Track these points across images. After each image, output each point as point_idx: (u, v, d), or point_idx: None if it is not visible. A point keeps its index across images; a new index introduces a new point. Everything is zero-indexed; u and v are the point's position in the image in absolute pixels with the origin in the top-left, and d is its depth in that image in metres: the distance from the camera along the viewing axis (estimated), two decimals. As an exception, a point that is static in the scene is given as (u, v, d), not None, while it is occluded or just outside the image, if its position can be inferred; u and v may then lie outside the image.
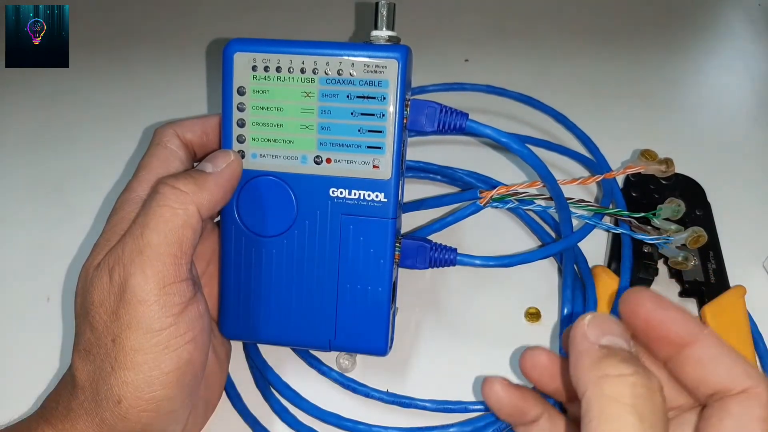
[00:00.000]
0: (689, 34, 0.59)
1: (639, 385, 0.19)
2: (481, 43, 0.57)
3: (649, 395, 0.19)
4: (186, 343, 0.26)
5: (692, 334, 0.22)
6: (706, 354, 0.22)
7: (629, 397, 0.19)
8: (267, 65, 0.30)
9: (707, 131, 0.49)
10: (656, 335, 0.23)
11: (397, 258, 0.32)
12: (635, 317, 0.23)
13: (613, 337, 0.21)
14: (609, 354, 0.21)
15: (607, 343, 0.21)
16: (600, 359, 0.21)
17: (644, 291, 0.23)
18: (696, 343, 0.22)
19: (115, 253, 0.26)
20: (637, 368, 0.20)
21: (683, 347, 0.22)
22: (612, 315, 0.23)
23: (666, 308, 0.23)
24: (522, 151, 0.31)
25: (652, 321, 0.23)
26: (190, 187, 0.27)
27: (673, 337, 0.22)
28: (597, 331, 0.22)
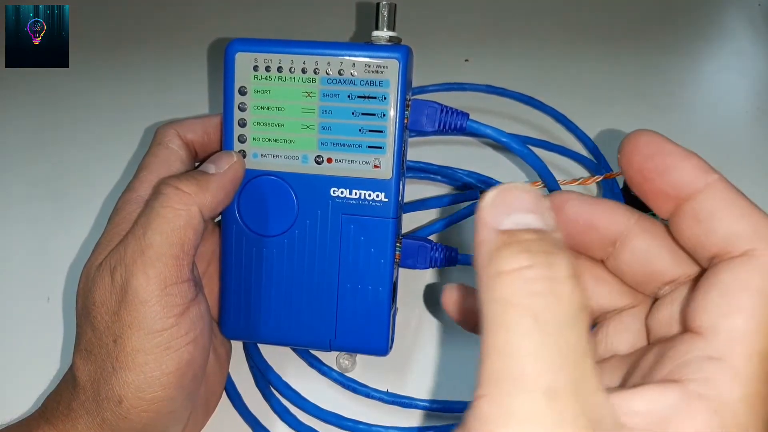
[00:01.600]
0: (689, 35, 0.59)
1: (537, 279, 0.15)
2: (481, 43, 0.57)
3: (550, 289, 0.15)
4: (187, 343, 0.26)
5: (695, 181, 0.19)
6: (707, 206, 0.18)
7: (523, 296, 0.15)
8: (268, 65, 0.30)
9: (707, 131, 0.49)
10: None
11: (397, 258, 0.32)
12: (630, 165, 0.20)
13: (519, 214, 0.17)
14: (508, 242, 0.16)
15: (509, 226, 0.16)
16: (495, 252, 0.16)
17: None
18: (698, 194, 0.18)
19: (117, 254, 0.26)
20: (536, 257, 0.16)
21: (684, 200, 0.19)
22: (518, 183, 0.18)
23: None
24: (522, 151, 0.31)
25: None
26: (192, 188, 0.27)
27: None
28: (498, 211, 0.17)
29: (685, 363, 0.16)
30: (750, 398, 0.16)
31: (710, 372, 0.16)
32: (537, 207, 0.17)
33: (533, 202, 0.17)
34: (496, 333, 0.15)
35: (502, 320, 0.15)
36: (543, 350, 0.15)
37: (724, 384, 0.16)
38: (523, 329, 0.15)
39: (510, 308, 0.15)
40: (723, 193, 0.18)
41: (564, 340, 0.15)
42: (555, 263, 0.16)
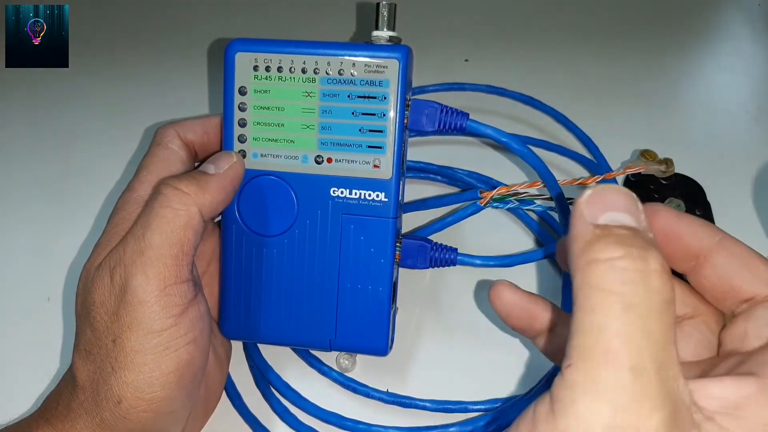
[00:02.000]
0: (689, 35, 0.59)
1: (630, 270, 0.17)
2: (481, 43, 0.57)
3: (642, 280, 0.16)
4: (186, 344, 0.26)
5: (709, 240, 0.21)
6: (728, 260, 0.21)
7: (616, 283, 0.16)
8: (268, 65, 0.30)
9: (707, 131, 0.49)
10: (674, 248, 0.22)
11: (397, 258, 0.32)
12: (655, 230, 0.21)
13: (614, 212, 0.18)
14: (602, 235, 0.17)
15: (605, 221, 0.18)
16: (590, 242, 0.17)
17: (661, 205, 0.23)
18: (716, 250, 0.21)
19: (117, 254, 0.26)
20: (630, 249, 0.17)
21: (702, 257, 0.21)
22: (619, 186, 0.19)
23: (681, 218, 0.22)
24: (522, 151, 0.31)
25: (668, 231, 0.22)
26: (192, 188, 0.27)
27: (691, 246, 0.21)
28: (594, 208, 0.18)
29: (765, 362, 0.18)
30: None
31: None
32: (632, 208, 0.18)
33: (629, 203, 0.18)
34: (588, 314, 0.17)
35: (594, 303, 0.17)
36: (632, 332, 0.16)
37: None
38: (614, 313, 0.16)
39: (602, 293, 0.17)
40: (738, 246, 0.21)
41: (651, 326, 0.16)
42: (647, 257, 0.17)
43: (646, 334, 0.16)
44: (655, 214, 0.22)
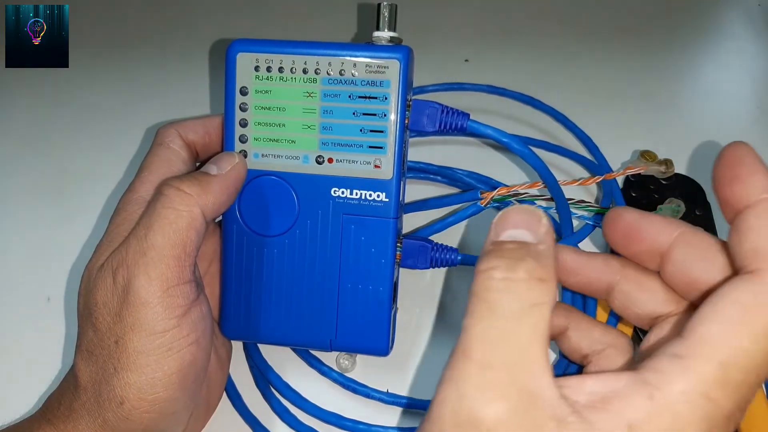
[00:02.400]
0: (689, 34, 0.59)
1: (497, 279, 0.19)
2: (481, 43, 0.57)
3: (507, 287, 0.19)
4: (189, 344, 0.26)
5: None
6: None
7: (486, 290, 0.19)
8: (269, 65, 0.30)
9: (707, 131, 0.49)
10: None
11: (398, 258, 0.32)
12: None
13: (514, 230, 0.21)
14: (492, 250, 0.20)
15: (503, 238, 0.21)
16: (481, 256, 0.20)
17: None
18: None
19: (119, 255, 0.26)
20: (503, 260, 0.19)
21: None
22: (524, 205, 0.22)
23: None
24: (523, 151, 0.31)
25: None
26: (194, 189, 0.27)
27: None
28: (499, 227, 0.21)
29: (655, 356, 0.18)
30: (694, 396, 0.17)
31: (665, 365, 0.18)
32: (531, 224, 0.21)
33: (528, 220, 0.21)
34: (465, 317, 0.19)
35: (469, 308, 0.19)
36: (488, 332, 0.18)
37: (672, 377, 0.17)
38: (478, 316, 0.19)
39: (474, 299, 0.19)
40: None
41: (509, 327, 0.18)
42: (518, 267, 0.19)
43: (502, 334, 0.18)
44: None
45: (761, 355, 0.17)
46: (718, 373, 0.17)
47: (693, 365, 0.17)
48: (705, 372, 0.17)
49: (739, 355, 0.17)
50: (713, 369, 0.17)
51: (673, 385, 0.17)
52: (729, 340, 0.17)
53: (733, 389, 0.17)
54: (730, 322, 0.18)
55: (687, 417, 0.17)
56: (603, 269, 0.25)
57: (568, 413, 0.18)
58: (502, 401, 0.17)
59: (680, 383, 0.17)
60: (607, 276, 0.25)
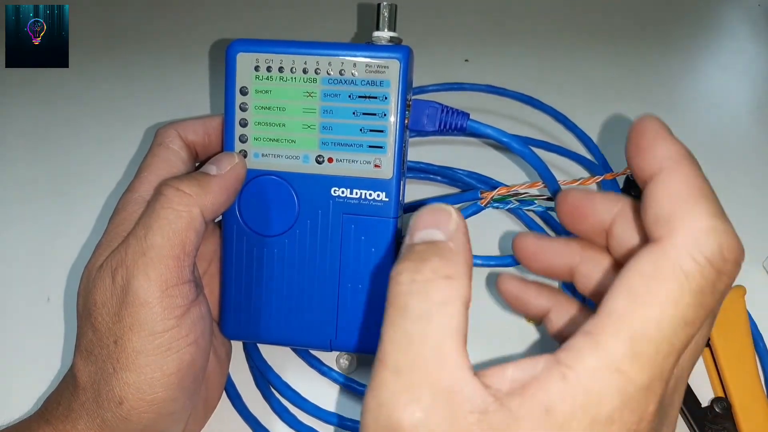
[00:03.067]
0: (689, 34, 0.59)
1: (404, 282, 0.19)
2: (481, 43, 0.57)
3: (413, 289, 0.19)
4: (188, 345, 0.26)
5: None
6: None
7: (396, 295, 0.19)
8: (269, 65, 0.30)
9: (707, 131, 0.49)
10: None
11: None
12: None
13: (426, 230, 0.21)
14: (404, 253, 0.21)
15: (416, 240, 0.21)
16: (398, 259, 0.21)
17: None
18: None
19: (119, 255, 0.26)
20: (410, 264, 0.20)
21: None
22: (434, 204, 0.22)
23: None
24: (523, 150, 0.31)
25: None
26: (193, 189, 0.27)
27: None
28: (413, 228, 0.21)
29: (573, 336, 0.18)
30: (605, 372, 0.17)
31: (578, 343, 0.18)
32: (438, 222, 0.21)
33: (436, 218, 0.21)
34: (383, 323, 0.19)
35: (384, 313, 0.20)
36: (398, 337, 0.19)
37: (584, 354, 0.17)
38: (390, 320, 0.19)
39: (387, 305, 0.19)
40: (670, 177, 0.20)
41: (418, 328, 0.18)
42: (422, 268, 0.19)
43: (411, 337, 0.18)
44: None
45: (670, 323, 0.17)
46: (627, 346, 0.17)
47: (602, 341, 0.17)
48: (614, 346, 0.17)
49: (646, 326, 0.17)
50: (622, 343, 0.17)
51: (585, 362, 0.17)
52: (635, 313, 0.17)
53: (647, 361, 0.17)
54: (635, 295, 0.18)
55: (600, 393, 0.17)
56: (563, 252, 0.26)
57: (489, 403, 0.18)
58: (417, 403, 0.18)
59: (591, 360, 0.17)
60: (567, 258, 0.25)
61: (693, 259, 0.18)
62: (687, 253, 0.18)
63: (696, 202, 0.19)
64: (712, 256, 0.18)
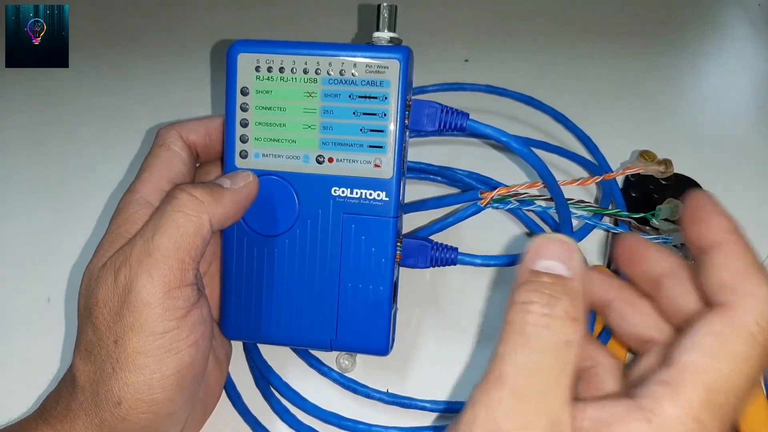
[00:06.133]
0: (689, 34, 0.59)
1: (536, 313, 0.20)
2: (481, 43, 0.57)
3: (544, 323, 0.20)
4: (188, 346, 0.26)
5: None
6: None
7: (523, 322, 0.20)
8: (270, 66, 0.30)
9: (707, 131, 0.49)
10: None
11: (398, 257, 0.32)
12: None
13: (549, 261, 0.21)
14: (529, 280, 0.21)
15: (538, 268, 0.21)
16: (518, 285, 0.21)
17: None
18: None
19: (123, 254, 0.26)
20: (543, 295, 0.20)
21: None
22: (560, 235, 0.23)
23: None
24: (522, 150, 0.31)
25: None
26: (206, 197, 0.27)
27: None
28: (535, 254, 0.22)
29: (646, 383, 0.20)
30: (686, 419, 0.19)
31: (657, 391, 0.19)
32: (565, 257, 0.21)
33: (563, 253, 0.21)
34: (500, 343, 0.20)
35: (504, 336, 0.20)
36: (524, 363, 0.20)
37: (665, 402, 0.19)
38: (514, 344, 0.20)
39: (510, 328, 0.20)
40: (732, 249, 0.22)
41: (543, 359, 0.20)
42: (555, 304, 0.20)
43: (537, 367, 0.19)
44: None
45: (738, 377, 0.19)
46: (704, 397, 0.19)
47: (681, 391, 0.19)
48: (693, 396, 0.19)
49: (720, 379, 0.19)
50: (699, 393, 0.19)
51: (666, 410, 0.19)
52: (710, 367, 0.19)
53: (718, 410, 0.19)
54: (710, 351, 0.20)
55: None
56: (602, 285, 0.27)
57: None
58: (532, 428, 0.19)
59: (672, 408, 0.19)
60: (605, 292, 0.26)
61: (757, 323, 0.20)
62: (753, 318, 0.20)
63: (756, 273, 0.21)
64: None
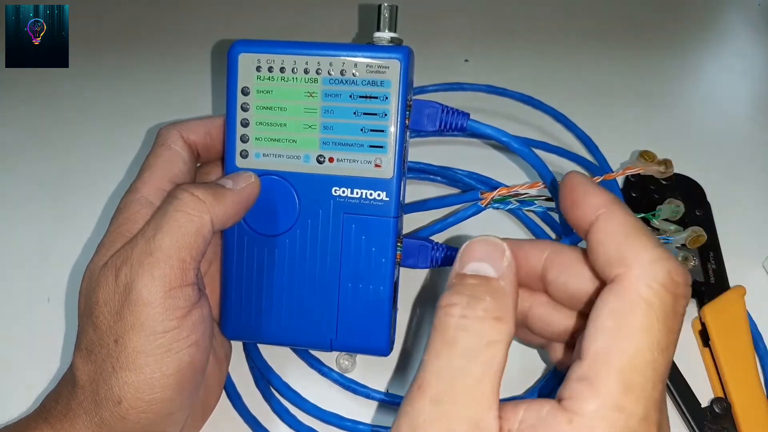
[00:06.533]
0: (689, 35, 0.59)
1: (456, 316, 0.20)
2: (481, 43, 0.57)
3: (463, 324, 0.20)
4: (188, 346, 0.26)
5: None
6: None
7: (445, 327, 0.20)
8: (271, 66, 0.30)
9: (707, 131, 0.49)
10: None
11: (398, 257, 0.32)
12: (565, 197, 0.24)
13: (477, 263, 0.22)
14: (455, 284, 0.21)
15: (466, 271, 0.22)
16: (446, 289, 0.21)
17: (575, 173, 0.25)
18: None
19: (124, 253, 0.26)
20: (463, 298, 0.20)
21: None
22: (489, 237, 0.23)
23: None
24: (523, 150, 0.31)
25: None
26: (208, 197, 0.27)
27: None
28: (465, 258, 0.22)
29: (566, 384, 0.20)
30: (606, 412, 0.19)
31: (576, 389, 0.19)
32: (492, 257, 0.22)
33: (489, 253, 0.22)
34: (425, 350, 0.20)
35: (429, 343, 0.20)
36: (444, 369, 0.20)
37: (583, 399, 0.19)
38: (435, 351, 0.20)
39: (434, 333, 0.20)
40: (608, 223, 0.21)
41: (463, 364, 0.19)
42: (476, 305, 0.20)
43: (456, 372, 0.19)
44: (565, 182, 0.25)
45: (648, 350, 0.19)
46: (620, 383, 0.19)
47: (597, 384, 0.19)
48: (609, 386, 0.19)
49: (630, 360, 0.19)
50: (614, 381, 0.19)
51: (587, 406, 0.19)
52: (617, 350, 0.19)
53: (639, 392, 0.19)
54: (612, 333, 0.19)
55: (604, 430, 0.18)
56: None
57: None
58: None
59: (591, 403, 0.19)
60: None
61: (649, 287, 0.19)
62: (643, 283, 0.19)
63: (637, 238, 0.20)
64: (664, 281, 0.19)
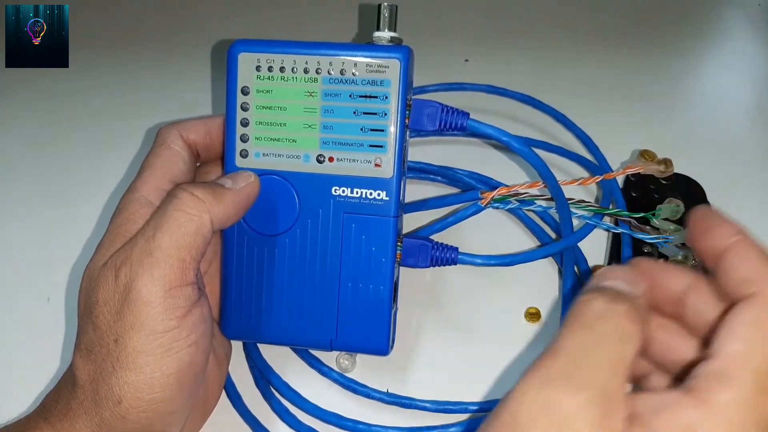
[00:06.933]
0: (689, 35, 0.59)
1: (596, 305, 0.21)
2: (481, 43, 0.57)
3: (605, 313, 0.21)
4: (188, 345, 0.26)
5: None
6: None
7: (582, 314, 0.21)
8: (271, 65, 0.30)
9: (707, 131, 0.49)
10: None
11: (398, 257, 0.32)
12: None
13: (614, 281, 0.23)
14: (595, 290, 0.22)
15: (605, 285, 0.22)
16: (583, 293, 0.22)
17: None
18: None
19: (124, 253, 0.26)
20: (606, 294, 0.21)
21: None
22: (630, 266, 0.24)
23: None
24: (523, 150, 0.31)
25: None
26: (208, 197, 0.27)
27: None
28: (601, 278, 0.23)
29: (693, 377, 0.20)
30: (741, 404, 0.19)
31: (706, 381, 0.20)
32: (629, 277, 0.23)
33: (627, 275, 0.23)
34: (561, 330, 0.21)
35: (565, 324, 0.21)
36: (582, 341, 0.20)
37: (716, 391, 0.19)
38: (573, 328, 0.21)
39: (572, 318, 0.21)
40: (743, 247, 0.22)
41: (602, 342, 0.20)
42: (617, 304, 0.21)
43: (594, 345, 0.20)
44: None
45: None
46: (753, 381, 0.19)
47: (731, 379, 0.19)
48: (744, 383, 0.19)
49: (764, 362, 0.20)
50: (748, 378, 0.19)
51: (720, 396, 0.19)
52: (753, 352, 0.20)
53: None
54: (749, 338, 0.20)
55: (739, 421, 0.19)
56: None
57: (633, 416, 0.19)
58: (585, 392, 0.19)
59: (725, 394, 0.19)
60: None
61: None
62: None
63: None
64: None
